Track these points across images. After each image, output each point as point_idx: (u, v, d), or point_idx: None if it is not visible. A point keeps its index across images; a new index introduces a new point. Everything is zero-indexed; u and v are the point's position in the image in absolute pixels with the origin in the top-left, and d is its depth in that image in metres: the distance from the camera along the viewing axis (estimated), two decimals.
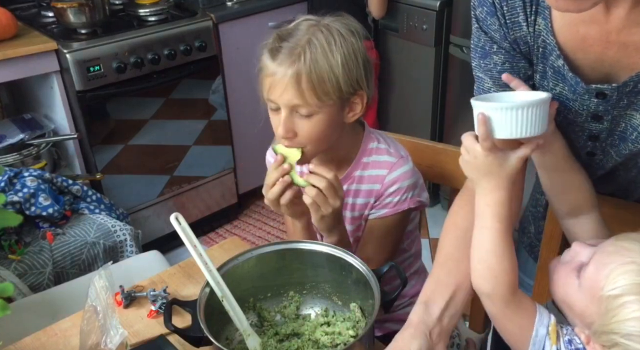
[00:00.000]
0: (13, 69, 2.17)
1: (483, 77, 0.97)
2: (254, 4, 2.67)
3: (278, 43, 1.11)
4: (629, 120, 0.89)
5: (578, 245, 0.87)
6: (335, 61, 1.09)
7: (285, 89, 1.09)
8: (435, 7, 2.53)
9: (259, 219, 3.00)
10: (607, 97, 0.87)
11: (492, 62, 0.95)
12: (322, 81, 1.09)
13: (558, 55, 0.87)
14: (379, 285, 1.02)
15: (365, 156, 1.25)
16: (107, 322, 0.94)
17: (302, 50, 1.09)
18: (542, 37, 0.88)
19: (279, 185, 1.11)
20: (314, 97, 1.09)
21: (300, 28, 1.13)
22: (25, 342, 1.16)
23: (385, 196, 1.23)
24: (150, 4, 2.51)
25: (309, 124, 1.12)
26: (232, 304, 1.05)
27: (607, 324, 0.77)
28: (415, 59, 2.72)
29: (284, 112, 1.12)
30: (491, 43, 0.93)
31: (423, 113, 2.81)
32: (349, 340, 1.07)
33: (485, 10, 0.91)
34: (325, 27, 1.12)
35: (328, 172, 1.10)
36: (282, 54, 1.10)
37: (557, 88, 0.91)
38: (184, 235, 1.06)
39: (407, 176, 1.23)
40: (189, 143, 2.67)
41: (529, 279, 1.35)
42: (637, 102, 0.86)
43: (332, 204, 1.11)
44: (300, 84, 1.08)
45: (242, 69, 2.67)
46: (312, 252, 1.13)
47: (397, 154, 1.25)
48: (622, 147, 0.92)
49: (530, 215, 1.33)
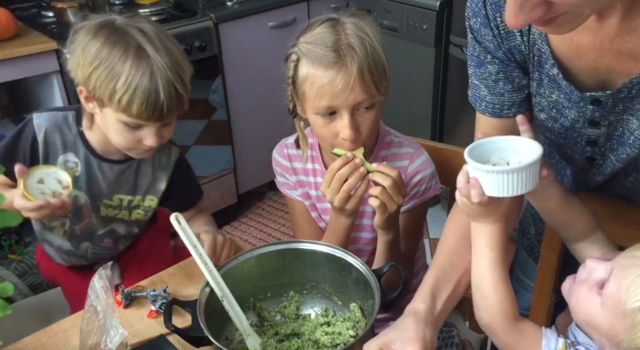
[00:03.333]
0: (13, 69, 2.17)
1: (479, 84, 0.99)
2: (254, 4, 2.67)
3: (319, 49, 1.10)
4: (626, 124, 0.89)
5: (592, 261, 0.84)
6: (380, 47, 1.12)
7: (351, 89, 1.09)
8: (435, 7, 2.53)
9: (259, 220, 3.00)
10: (602, 103, 0.87)
11: (487, 72, 0.96)
12: (379, 69, 1.11)
13: (553, 64, 0.88)
14: (379, 285, 1.02)
15: (384, 150, 1.27)
16: (107, 322, 0.94)
17: (350, 48, 1.09)
18: (537, 45, 0.89)
19: (354, 178, 1.10)
20: (374, 88, 1.11)
21: (325, 29, 1.12)
22: (25, 342, 1.16)
23: (411, 187, 1.25)
24: (150, 4, 2.51)
25: (369, 118, 1.14)
26: (232, 304, 1.05)
27: (635, 338, 0.75)
28: (415, 59, 2.72)
29: (347, 114, 1.12)
30: (485, 53, 0.95)
31: (423, 113, 2.81)
32: (349, 340, 1.07)
33: (479, 21, 0.92)
34: (348, 22, 1.13)
35: (392, 169, 1.10)
36: (332, 57, 1.09)
37: (553, 96, 0.92)
38: (184, 235, 1.06)
39: (427, 165, 1.26)
40: (189, 143, 2.67)
41: (529, 280, 1.35)
42: (632, 107, 0.87)
43: (397, 201, 1.11)
44: (364, 79, 1.09)
45: (242, 69, 2.67)
46: (312, 252, 1.13)
47: (412, 145, 1.28)
48: (621, 151, 0.92)
49: (530, 216, 1.33)
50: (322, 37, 1.11)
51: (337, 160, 1.12)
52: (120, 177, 1.40)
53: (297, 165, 1.32)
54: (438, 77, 2.71)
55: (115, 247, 1.53)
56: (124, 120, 1.23)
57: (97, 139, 1.36)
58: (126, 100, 1.19)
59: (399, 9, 2.69)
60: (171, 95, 1.21)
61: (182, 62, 1.26)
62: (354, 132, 1.12)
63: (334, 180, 1.11)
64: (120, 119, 1.23)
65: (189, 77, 1.28)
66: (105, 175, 1.39)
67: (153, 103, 1.20)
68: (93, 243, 1.49)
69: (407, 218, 1.27)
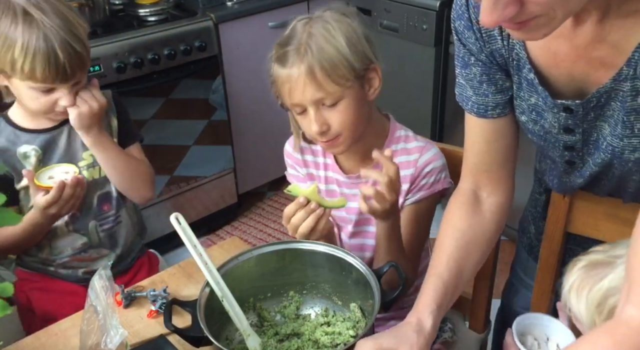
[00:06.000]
0: None
1: (465, 84, 1.00)
2: (254, 4, 2.67)
3: (281, 49, 1.15)
4: (599, 130, 0.90)
5: None
6: (339, 43, 1.12)
7: (304, 87, 1.11)
8: (435, 7, 2.53)
9: (259, 220, 3.00)
10: (574, 112, 0.88)
11: (472, 73, 0.97)
12: (335, 66, 1.11)
13: (529, 69, 0.89)
14: (379, 285, 1.02)
15: (394, 143, 1.27)
16: (107, 322, 0.94)
17: (305, 45, 1.11)
18: (515, 50, 0.90)
19: (311, 219, 1.10)
20: (333, 84, 1.12)
21: (297, 29, 1.16)
22: (26, 342, 1.16)
23: (421, 178, 1.25)
24: (150, 4, 2.51)
25: (338, 112, 1.15)
26: (232, 304, 1.05)
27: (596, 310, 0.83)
28: (415, 59, 2.71)
29: (312, 109, 1.14)
30: (469, 55, 0.96)
31: (423, 113, 2.81)
32: (349, 340, 1.07)
33: (462, 24, 0.93)
34: (319, 19, 1.16)
35: (391, 163, 1.09)
36: (289, 56, 1.12)
37: (532, 99, 0.93)
38: (184, 235, 1.06)
39: (438, 157, 1.26)
40: (189, 143, 2.66)
41: (529, 279, 1.35)
42: (604, 114, 0.87)
43: (390, 199, 1.09)
44: (316, 77, 1.10)
45: (242, 69, 2.67)
46: (312, 252, 1.13)
47: (423, 140, 1.28)
48: (597, 156, 0.93)
49: (529, 216, 1.33)
50: (289, 36, 1.16)
51: (291, 206, 1.11)
52: (76, 138, 1.42)
53: (309, 158, 1.33)
54: (438, 77, 2.71)
55: (117, 213, 1.52)
56: (33, 87, 1.27)
57: (22, 115, 1.40)
58: (28, 67, 1.22)
59: (399, 9, 2.68)
60: (70, 54, 1.25)
61: (74, 21, 1.28)
62: (319, 127, 1.14)
63: (290, 226, 1.12)
64: (29, 86, 1.27)
65: (84, 34, 1.30)
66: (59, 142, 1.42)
67: (54, 65, 1.23)
68: (97, 218, 1.49)
69: (414, 210, 1.26)
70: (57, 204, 1.30)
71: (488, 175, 1.05)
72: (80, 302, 1.15)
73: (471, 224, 1.03)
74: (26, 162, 1.39)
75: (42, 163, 1.40)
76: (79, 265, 1.52)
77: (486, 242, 1.05)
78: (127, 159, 1.46)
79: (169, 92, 2.53)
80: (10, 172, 1.38)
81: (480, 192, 1.06)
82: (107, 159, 1.42)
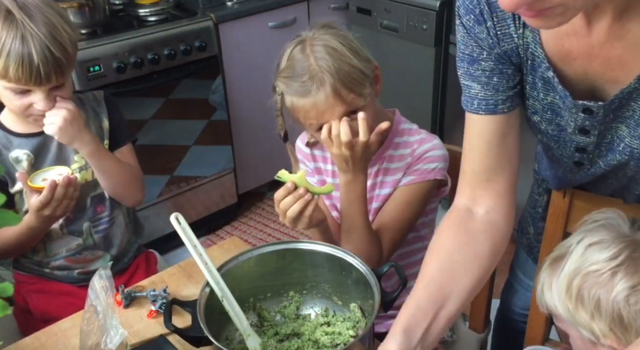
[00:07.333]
0: None
1: (470, 84, 0.95)
2: (254, 4, 2.67)
3: (295, 82, 1.17)
4: (615, 132, 0.89)
5: None
6: (347, 57, 1.17)
7: (333, 108, 1.16)
8: (435, 7, 2.53)
9: (259, 220, 3.00)
10: (594, 113, 0.87)
11: (481, 68, 0.93)
12: (354, 80, 1.16)
13: (547, 67, 0.87)
14: (379, 285, 1.02)
15: (397, 136, 1.30)
16: (107, 322, 0.94)
17: (319, 70, 1.15)
18: (530, 49, 0.88)
19: (298, 204, 1.12)
20: (356, 96, 1.17)
21: (296, 57, 1.19)
22: (26, 342, 1.16)
23: (416, 163, 1.27)
24: (150, 4, 2.51)
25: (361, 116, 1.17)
26: (232, 304, 1.05)
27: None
28: (415, 59, 2.71)
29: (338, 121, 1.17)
30: (480, 49, 0.92)
31: (423, 113, 2.81)
32: (349, 340, 1.07)
33: (472, 18, 0.90)
34: (313, 40, 1.19)
35: (365, 132, 1.15)
36: (308, 86, 1.16)
37: (549, 98, 0.91)
38: (184, 235, 1.06)
39: (438, 147, 1.28)
40: (189, 143, 2.66)
41: (528, 279, 1.36)
42: (622, 115, 0.86)
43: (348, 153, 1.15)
44: (341, 95, 1.15)
45: (242, 69, 2.67)
46: (312, 252, 1.14)
47: (427, 133, 1.32)
48: (610, 157, 0.92)
49: (529, 216, 1.33)
50: (295, 67, 1.18)
51: (280, 190, 1.13)
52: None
53: (317, 152, 1.37)
54: (438, 77, 2.71)
55: (111, 214, 1.52)
56: (7, 87, 1.27)
57: (14, 120, 1.40)
58: (1, 65, 1.22)
59: (399, 9, 2.68)
60: (47, 58, 1.24)
61: (59, 25, 1.27)
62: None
63: (280, 210, 1.14)
64: (4, 86, 1.27)
65: (69, 39, 1.29)
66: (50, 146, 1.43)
67: (28, 67, 1.23)
68: (91, 219, 1.49)
69: (405, 192, 1.27)
70: (50, 205, 1.29)
71: (488, 186, 0.97)
72: (78, 303, 1.16)
73: (460, 245, 0.96)
74: (18, 167, 1.39)
75: (34, 167, 1.40)
76: (74, 266, 1.52)
77: (478, 267, 0.95)
78: (120, 167, 1.46)
79: (169, 92, 2.53)
80: (4, 176, 1.38)
81: (477, 209, 0.98)
82: (101, 168, 1.43)
